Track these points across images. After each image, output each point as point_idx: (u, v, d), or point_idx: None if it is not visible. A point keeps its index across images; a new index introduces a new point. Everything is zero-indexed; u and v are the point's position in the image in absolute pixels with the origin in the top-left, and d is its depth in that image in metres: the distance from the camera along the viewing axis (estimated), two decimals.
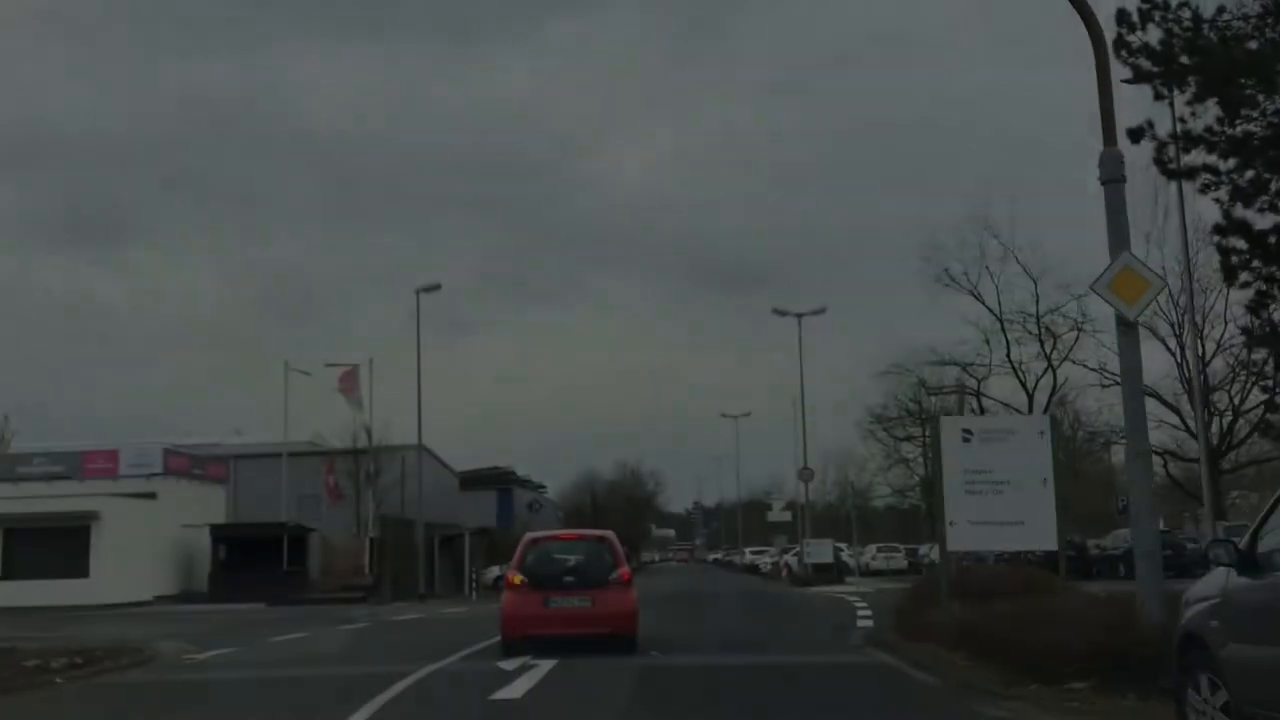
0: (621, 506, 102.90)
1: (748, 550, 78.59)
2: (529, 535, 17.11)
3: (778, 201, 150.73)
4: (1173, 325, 37.96)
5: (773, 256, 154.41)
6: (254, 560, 41.19)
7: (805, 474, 47.11)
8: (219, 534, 41.20)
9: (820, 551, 44.88)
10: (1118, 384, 20.07)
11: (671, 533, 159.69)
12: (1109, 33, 14.89)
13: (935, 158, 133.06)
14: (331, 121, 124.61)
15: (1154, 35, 17.35)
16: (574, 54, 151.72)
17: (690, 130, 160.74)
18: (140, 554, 38.51)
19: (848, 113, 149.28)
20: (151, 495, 40.34)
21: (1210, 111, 17.34)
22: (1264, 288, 18.41)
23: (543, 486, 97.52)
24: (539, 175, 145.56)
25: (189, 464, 43.09)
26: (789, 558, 54.33)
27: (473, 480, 78.39)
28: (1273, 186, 17.31)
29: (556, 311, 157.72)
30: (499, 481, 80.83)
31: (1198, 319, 34.93)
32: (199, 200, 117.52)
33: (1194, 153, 17.99)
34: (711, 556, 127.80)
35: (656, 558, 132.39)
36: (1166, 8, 17.22)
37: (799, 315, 47.89)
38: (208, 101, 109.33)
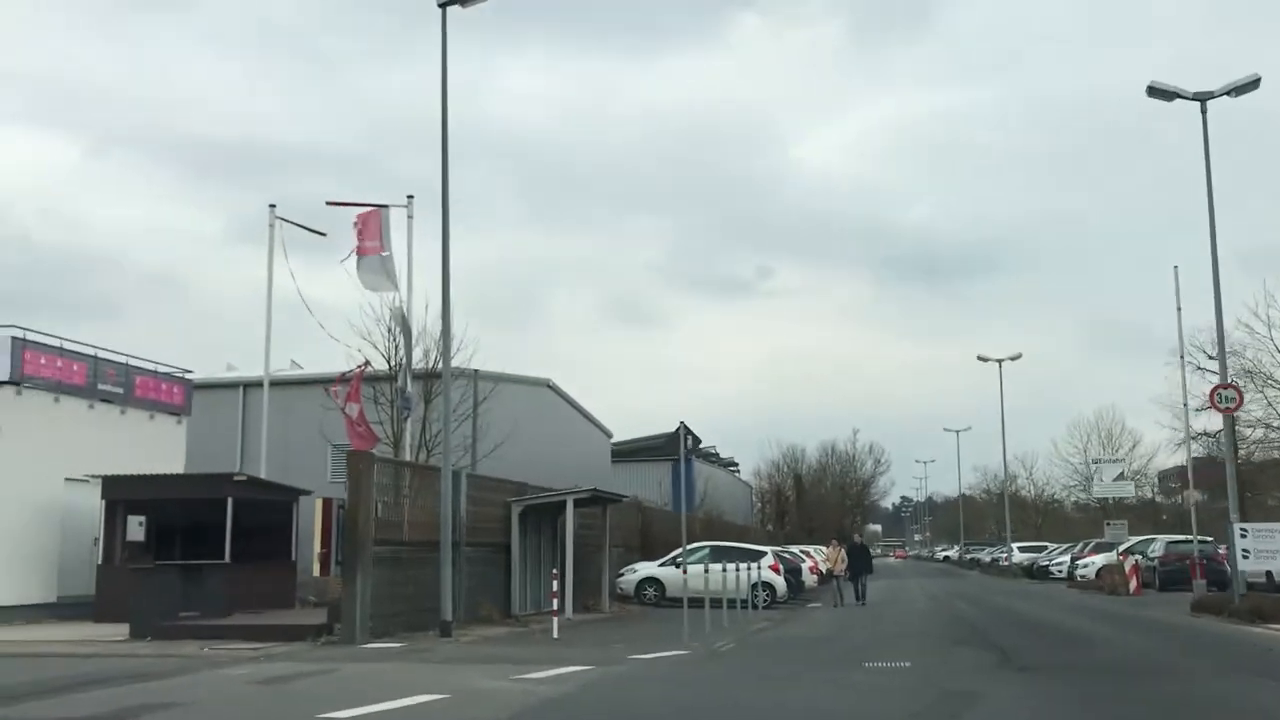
0: (832, 495, 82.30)
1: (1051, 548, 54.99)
2: None
3: (974, 189, 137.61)
4: None
5: (968, 245, 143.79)
6: (198, 544, 22.42)
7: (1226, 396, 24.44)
8: (124, 494, 22.38)
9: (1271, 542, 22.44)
10: None
11: (878, 528, 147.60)
12: None
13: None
14: (521, 123, 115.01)
15: None
16: (761, 45, 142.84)
17: (881, 117, 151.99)
18: None
19: (1047, 95, 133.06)
20: None
21: None
22: None
23: (733, 464, 77.99)
24: (728, 168, 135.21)
25: (82, 373, 24.69)
26: (1137, 557, 32.38)
27: (636, 450, 58.61)
28: None
29: (745, 302, 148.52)
30: (672, 452, 60.72)
31: None
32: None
33: None
34: (942, 553, 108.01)
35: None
36: None
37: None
38: (403, 109, 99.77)
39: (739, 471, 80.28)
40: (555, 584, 18.83)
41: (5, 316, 23.11)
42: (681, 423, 19.38)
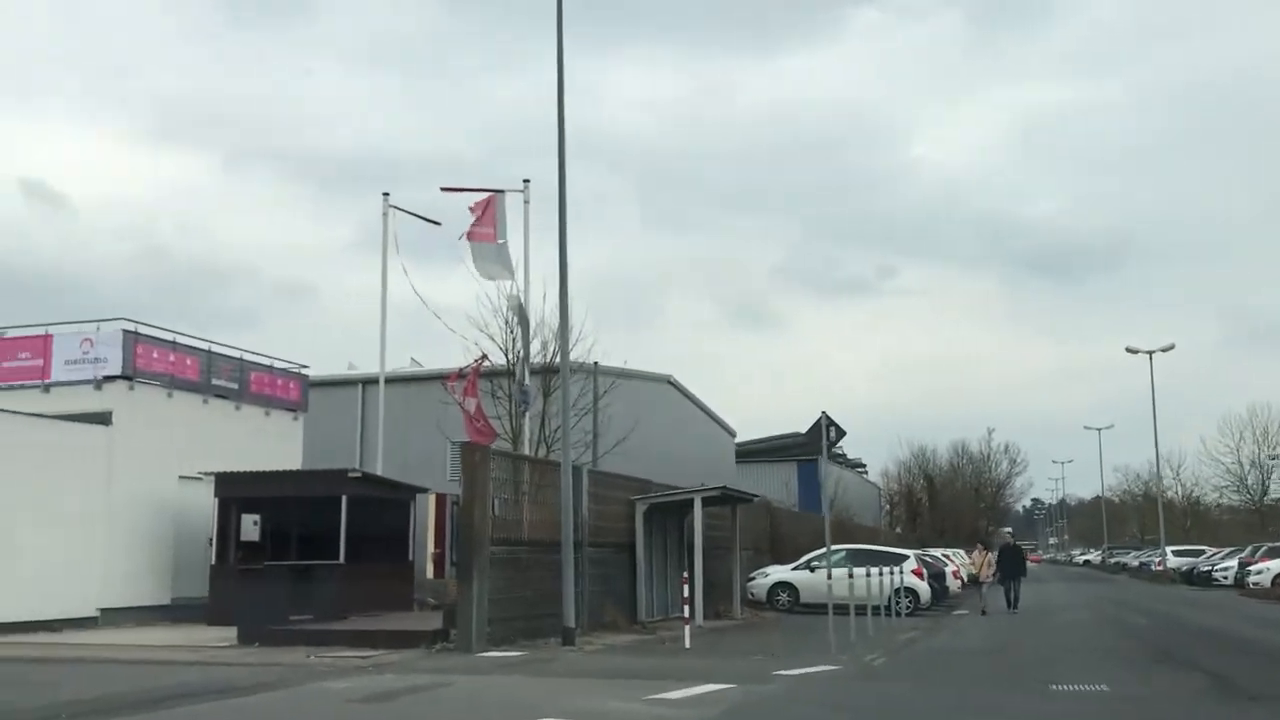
0: (965, 496, 79.02)
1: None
2: None
3: (1104, 180, 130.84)
4: None
5: (1098, 239, 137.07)
6: (313, 544, 21.56)
7: None
8: (237, 491, 21.60)
9: None
10: None
11: (1009, 530, 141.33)
12: None
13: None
14: (635, 125, 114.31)
15: None
16: (878, 40, 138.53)
17: (1004, 109, 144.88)
18: (53, 529, 19.83)
19: (1181, 79, 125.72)
20: (100, 417, 21.35)
21: None
22: None
23: (861, 465, 75.40)
24: (846, 166, 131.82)
25: (195, 368, 24.05)
26: None
27: (760, 450, 56.77)
28: None
29: (866, 302, 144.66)
30: (800, 450, 58.74)
31: None
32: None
33: None
34: (1081, 557, 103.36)
35: None
36: None
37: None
38: (519, 116, 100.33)
39: (866, 472, 77.67)
40: (686, 588, 17.23)
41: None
42: (824, 413, 17.59)
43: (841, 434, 17.95)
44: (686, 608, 16.92)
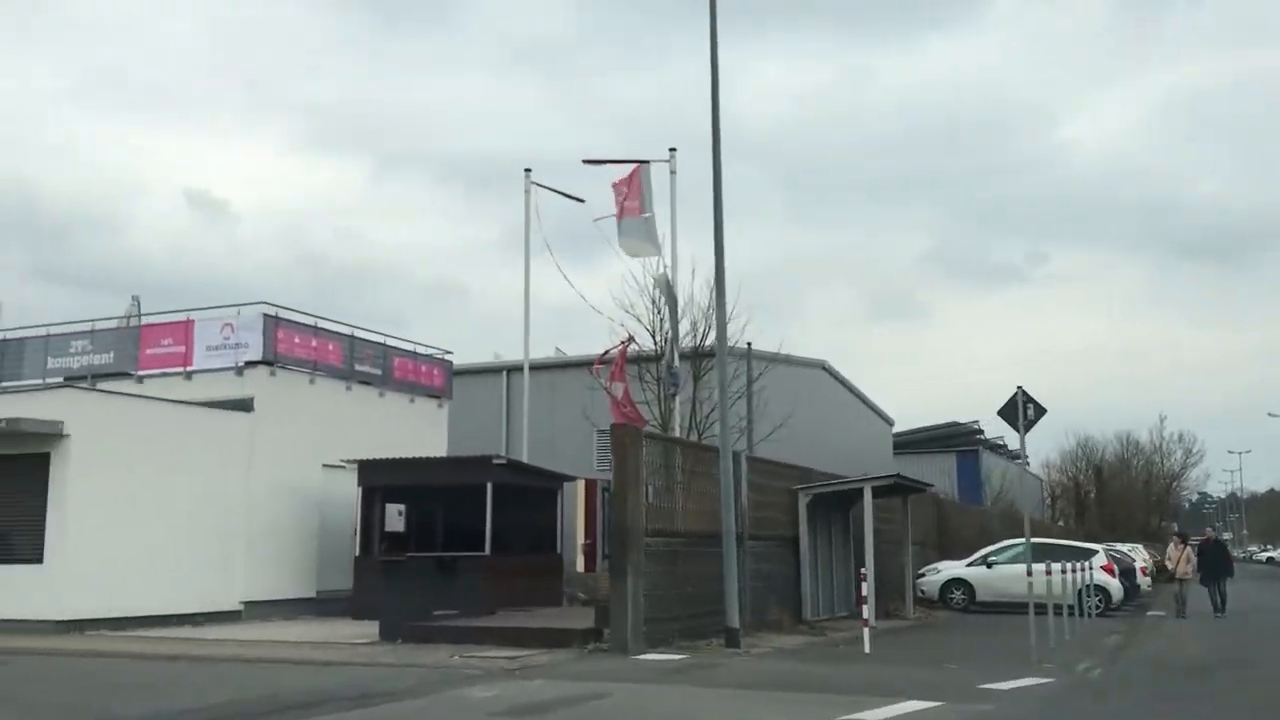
0: (1134, 488, 74.45)
1: None
2: None
3: (1263, 160, 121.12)
4: None
5: (1266, 219, 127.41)
6: (458, 534, 20.62)
7: None
8: (380, 479, 20.77)
9: None
10: None
11: (1173, 525, 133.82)
12: None
13: None
14: (774, 116, 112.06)
15: None
16: (1024, 21, 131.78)
17: (1158, 88, 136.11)
18: (195, 519, 19.41)
19: None
20: (241, 404, 20.72)
21: None
22: None
23: (1021, 456, 71.50)
24: (992, 152, 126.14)
25: (338, 354, 23.25)
26: None
27: (917, 441, 54.22)
28: None
29: (1017, 291, 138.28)
30: (959, 440, 55.99)
31: None
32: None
33: None
34: (1263, 554, 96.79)
35: None
36: None
37: None
38: (659, 111, 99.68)
39: (1028, 464, 73.82)
40: (865, 586, 15.47)
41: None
42: (1019, 388, 15.58)
43: (1041, 411, 15.88)
44: (864, 608, 15.13)
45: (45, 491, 17.56)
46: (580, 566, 14.46)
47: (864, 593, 15.43)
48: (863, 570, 16.33)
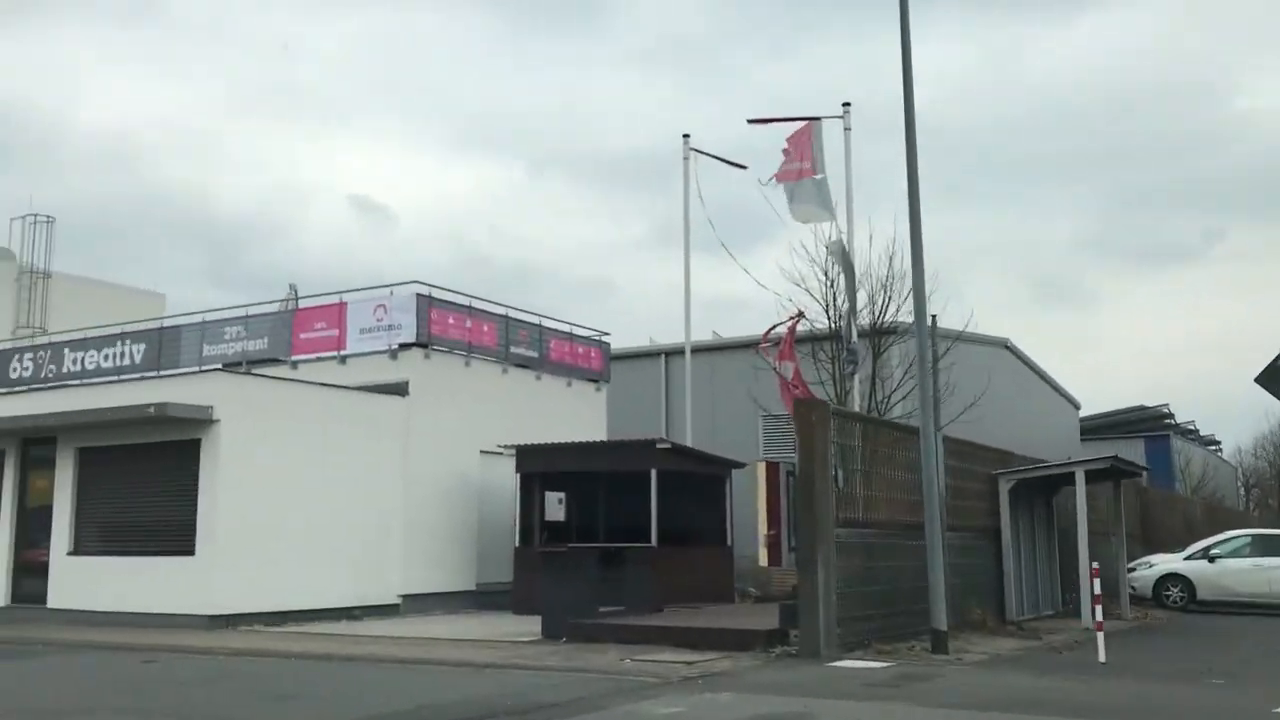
0: None
1: None
2: None
3: None
4: None
5: None
6: (621, 524, 19.32)
7: None
8: (539, 466, 19.58)
9: None
10: None
11: None
12: None
13: None
14: (920, 97, 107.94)
15: None
16: None
17: None
18: (351, 508, 18.66)
19: None
20: (396, 388, 19.75)
21: None
22: None
23: (1214, 442, 66.57)
24: (1158, 128, 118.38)
25: (493, 335, 22.08)
26: None
27: (1102, 426, 50.57)
28: None
29: (1189, 272, 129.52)
30: (1147, 425, 52.07)
31: None
32: None
33: None
34: None
35: None
36: None
37: None
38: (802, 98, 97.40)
39: (1220, 451, 68.58)
40: (1094, 582, 13.34)
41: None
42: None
43: None
44: (1097, 608, 13.00)
45: (195, 480, 16.88)
46: (763, 560, 12.80)
47: (1095, 590, 13.28)
48: (1095, 565, 14.15)
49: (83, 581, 17.88)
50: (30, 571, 18.76)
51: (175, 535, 17.00)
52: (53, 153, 69.08)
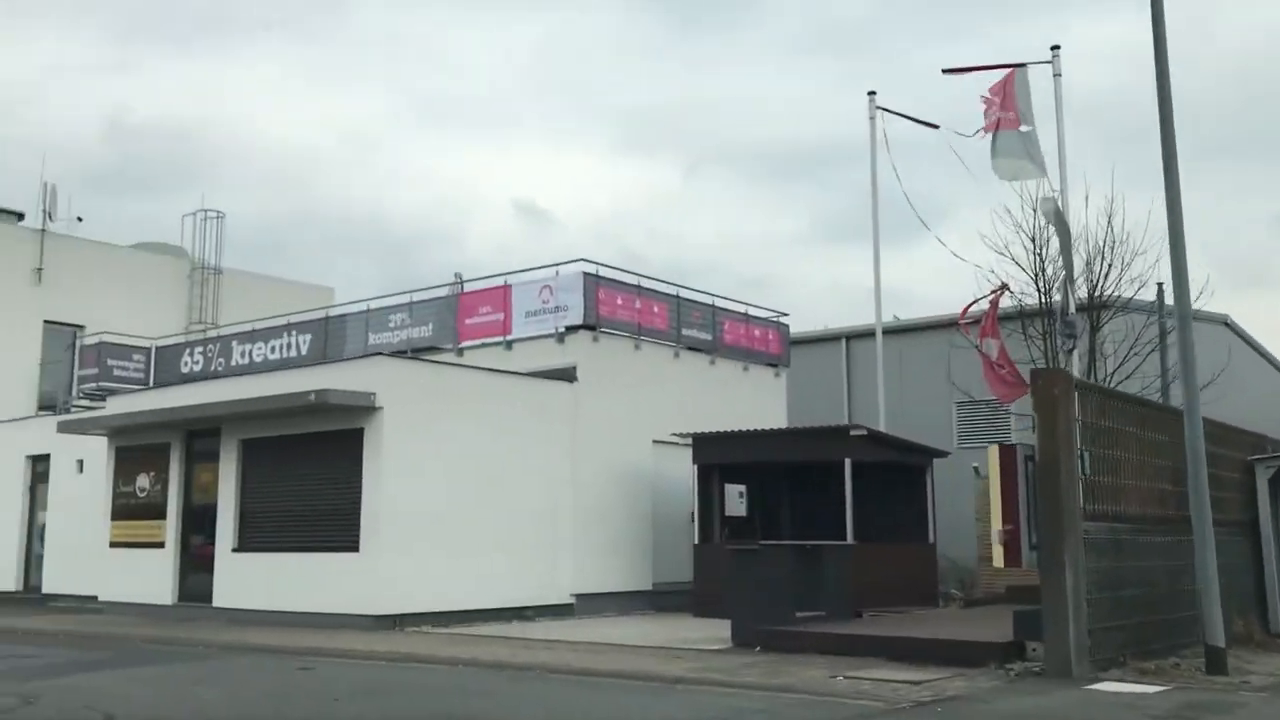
0: None
1: None
2: None
3: None
4: None
5: None
6: (809, 519, 17.63)
7: None
8: (719, 456, 18.02)
9: None
10: None
11: None
12: None
13: None
14: (1095, 76, 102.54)
15: None
16: None
17: None
18: (521, 502, 17.51)
19: None
20: (564, 374, 18.44)
21: None
22: None
23: None
24: None
25: (664, 316, 20.53)
26: None
27: None
28: None
29: None
30: None
31: None
32: None
33: None
34: None
35: None
36: None
37: None
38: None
39: None
40: None
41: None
42: None
43: None
44: None
45: (359, 471, 15.91)
46: (998, 560, 10.79)
47: None
48: None
49: (246, 579, 17.19)
50: (196, 568, 18.22)
51: (339, 530, 16.08)
52: (230, 170, 71.51)
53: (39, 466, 23.20)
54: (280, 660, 12.32)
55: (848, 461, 16.85)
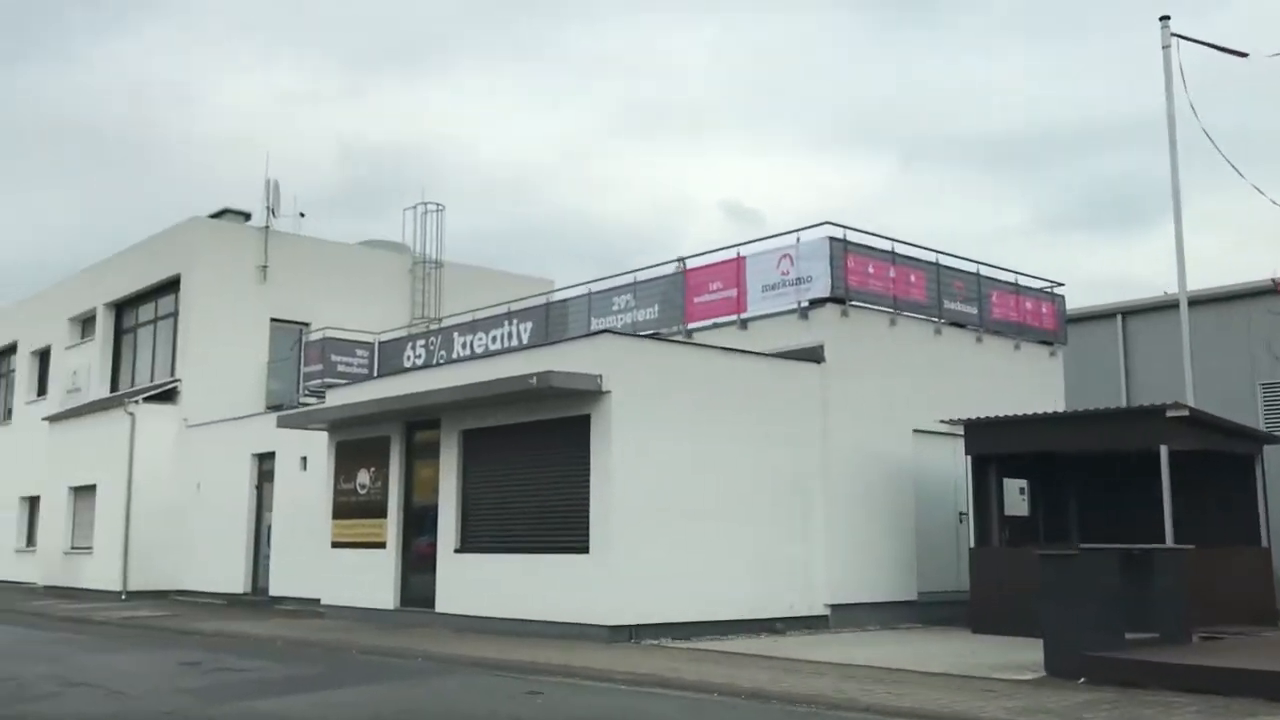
0: None
1: None
2: None
3: None
4: None
5: None
6: (1109, 519, 14.91)
7: None
8: (996, 445, 15.39)
9: None
10: None
11: None
12: None
13: None
14: None
15: None
16: None
17: None
18: (767, 499, 15.44)
19: None
20: (809, 354, 16.19)
21: None
22: None
23: None
24: None
25: (921, 286, 17.84)
26: None
27: None
28: None
29: None
30: None
31: None
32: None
33: None
34: None
35: None
36: None
37: None
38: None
39: None
40: None
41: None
42: None
43: None
44: None
45: (586, 462, 14.16)
46: None
47: None
48: None
49: (470, 583, 15.76)
50: (418, 570, 16.96)
51: (566, 529, 14.39)
52: (447, 186, 72.80)
53: (265, 465, 22.76)
54: (506, 681, 10.62)
55: (1164, 449, 13.88)
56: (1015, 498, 16.25)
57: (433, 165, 71.18)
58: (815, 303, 16.48)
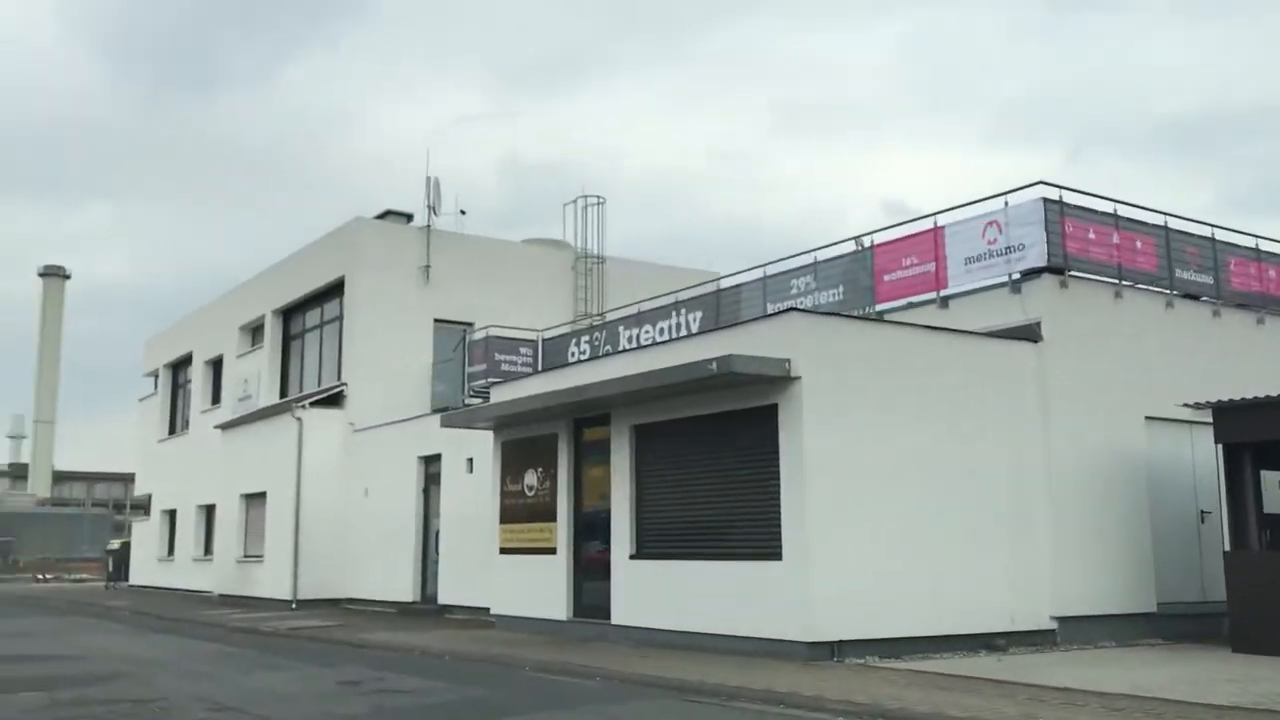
0: None
1: None
2: None
3: None
4: None
5: None
6: None
7: None
8: (1252, 433, 13.17)
9: None
10: None
11: None
12: None
13: None
14: None
15: None
16: None
17: None
18: (980, 498, 13.60)
19: None
20: (1023, 332, 14.22)
21: None
22: None
23: None
24: None
25: (1150, 253, 15.56)
26: None
27: None
28: None
29: None
30: None
31: None
32: None
33: None
34: None
35: None
36: None
37: None
38: None
39: None
40: None
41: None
42: None
43: None
44: None
45: (774, 457, 12.59)
46: None
47: None
48: None
49: (647, 592, 14.39)
50: (591, 577, 15.69)
51: (754, 533, 12.86)
52: (607, 196, 72.59)
53: (431, 468, 21.97)
54: (703, 708, 9.17)
55: None
56: (1276, 493, 13.96)
57: (590, 176, 70.96)
58: (1029, 274, 14.51)
